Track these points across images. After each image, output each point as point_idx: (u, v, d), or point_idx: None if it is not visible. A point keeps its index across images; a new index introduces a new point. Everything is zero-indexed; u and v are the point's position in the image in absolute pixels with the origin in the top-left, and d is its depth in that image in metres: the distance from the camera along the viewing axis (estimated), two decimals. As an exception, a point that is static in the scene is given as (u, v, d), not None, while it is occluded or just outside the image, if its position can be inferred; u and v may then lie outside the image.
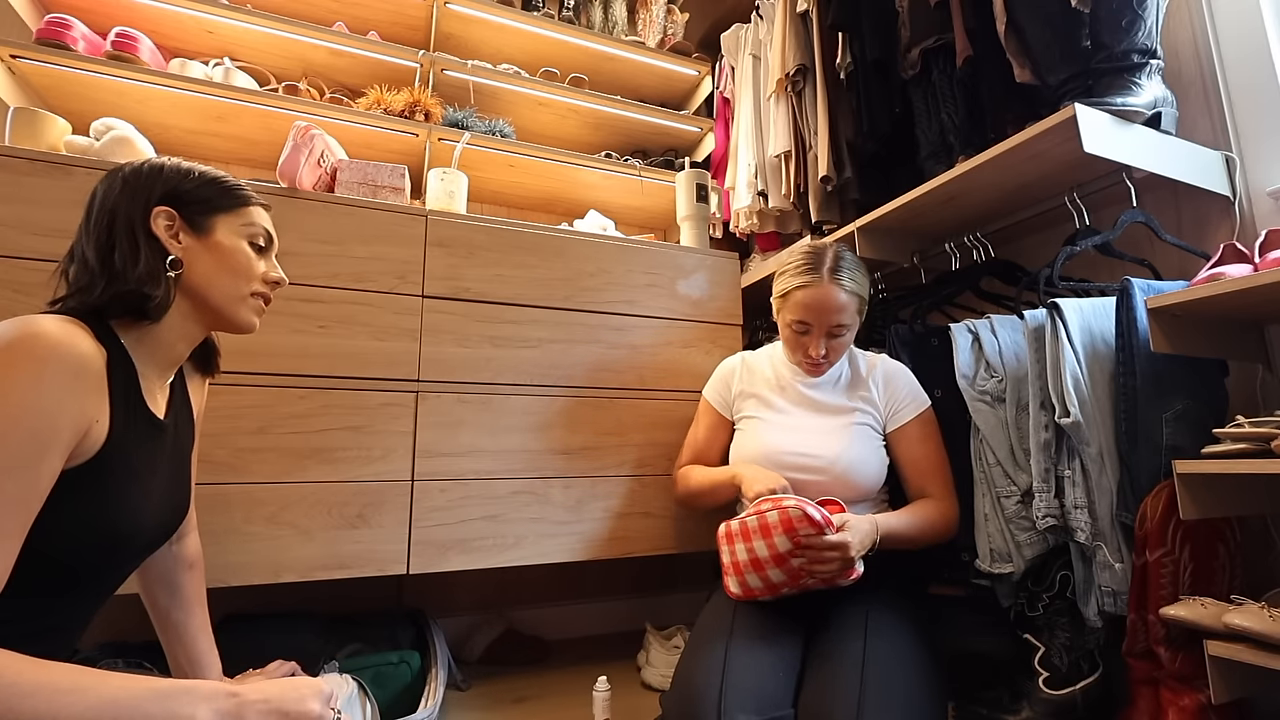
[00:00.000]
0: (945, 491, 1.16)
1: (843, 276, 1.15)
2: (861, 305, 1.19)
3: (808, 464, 1.15)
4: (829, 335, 1.17)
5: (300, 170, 1.37)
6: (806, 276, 1.16)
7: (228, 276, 0.82)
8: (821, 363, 1.19)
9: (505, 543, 1.35)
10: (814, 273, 1.16)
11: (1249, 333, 1.04)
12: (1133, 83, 1.08)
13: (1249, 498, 0.91)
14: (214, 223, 0.82)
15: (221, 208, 0.83)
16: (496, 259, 1.45)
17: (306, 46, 1.81)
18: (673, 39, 2.31)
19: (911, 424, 1.20)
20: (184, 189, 0.80)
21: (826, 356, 1.18)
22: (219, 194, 0.83)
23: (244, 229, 0.85)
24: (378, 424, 1.29)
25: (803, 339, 1.19)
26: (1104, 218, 1.18)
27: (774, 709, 0.90)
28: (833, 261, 1.17)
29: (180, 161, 0.83)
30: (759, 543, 1.01)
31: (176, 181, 0.81)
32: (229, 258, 0.83)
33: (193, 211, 0.81)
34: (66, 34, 1.51)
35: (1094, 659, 1.03)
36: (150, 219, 0.78)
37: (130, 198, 0.78)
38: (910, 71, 1.38)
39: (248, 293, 0.85)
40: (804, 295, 1.16)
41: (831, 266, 1.16)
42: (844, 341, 1.19)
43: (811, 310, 1.16)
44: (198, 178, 0.82)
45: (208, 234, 0.81)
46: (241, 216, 0.85)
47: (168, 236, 0.78)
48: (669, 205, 2.11)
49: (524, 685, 1.42)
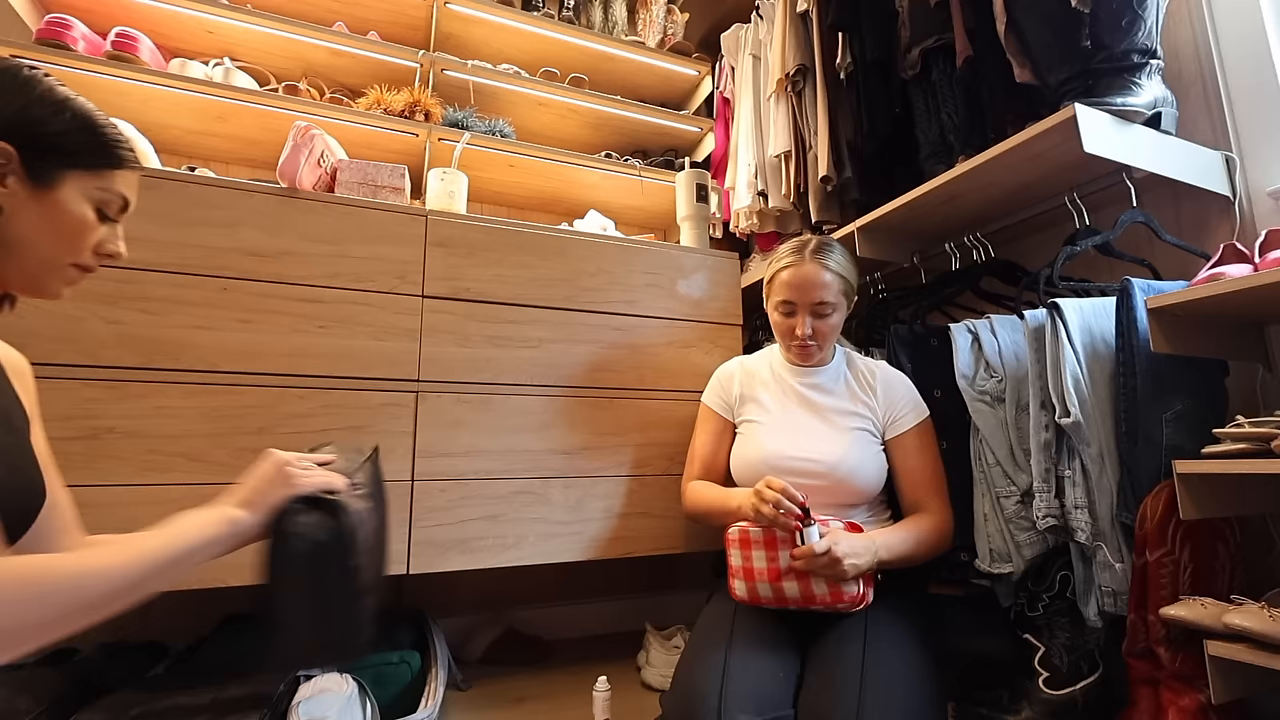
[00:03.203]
0: (941, 503, 1.16)
1: (825, 257, 1.18)
2: (847, 288, 1.20)
3: (809, 468, 1.14)
4: (814, 315, 1.18)
5: (300, 170, 1.37)
6: (791, 258, 1.20)
7: (51, 241, 0.66)
8: (809, 345, 1.19)
9: (505, 543, 1.35)
10: (798, 254, 1.20)
11: (1249, 333, 1.04)
12: (1133, 83, 1.08)
13: (1249, 498, 0.91)
14: (63, 177, 0.65)
15: (80, 164, 0.66)
16: (496, 259, 1.45)
17: (306, 46, 1.81)
18: (673, 39, 2.31)
19: (910, 433, 1.19)
20: (44, 130, 0.63)
21: (814, 338, 1.19)
22: (86, 147, 0.67)
23: (98, 193, 0.68)
24: (378, 424, 1.29)
25: (789, 320, 1.21)
26: (1104, 218, 1.18)
27: (774, 709, 0.90)
28: (817, 244, 1.20)
29: (54, 84, 0.66)
30: (783, 552, 1.02)
31: (39, 115, 0.63)
32: (63, 221, 0.66)
33: (41, 158, 0.63)
34: (66, 34, 1.51)
35: (1094, 659, 1.03)
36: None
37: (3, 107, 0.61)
38: (910, 71, 1.38)
39: (68, 263, 0.68)
40: (788, 274, 1.19)
41: (815, 248, 1.20)
42: (830, 323, 1.19)
43: (794, 288, 1.18)
44: (69, 120, 0.65)
45: (48, 188, 0.64)
46: (101, 179, 0.68)
47: None
48: (669, 205, 2.11)
49: (524, 685, 1.41)
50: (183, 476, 1.14)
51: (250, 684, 1.03)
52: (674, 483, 1.51)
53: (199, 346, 1.19)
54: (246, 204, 1.27)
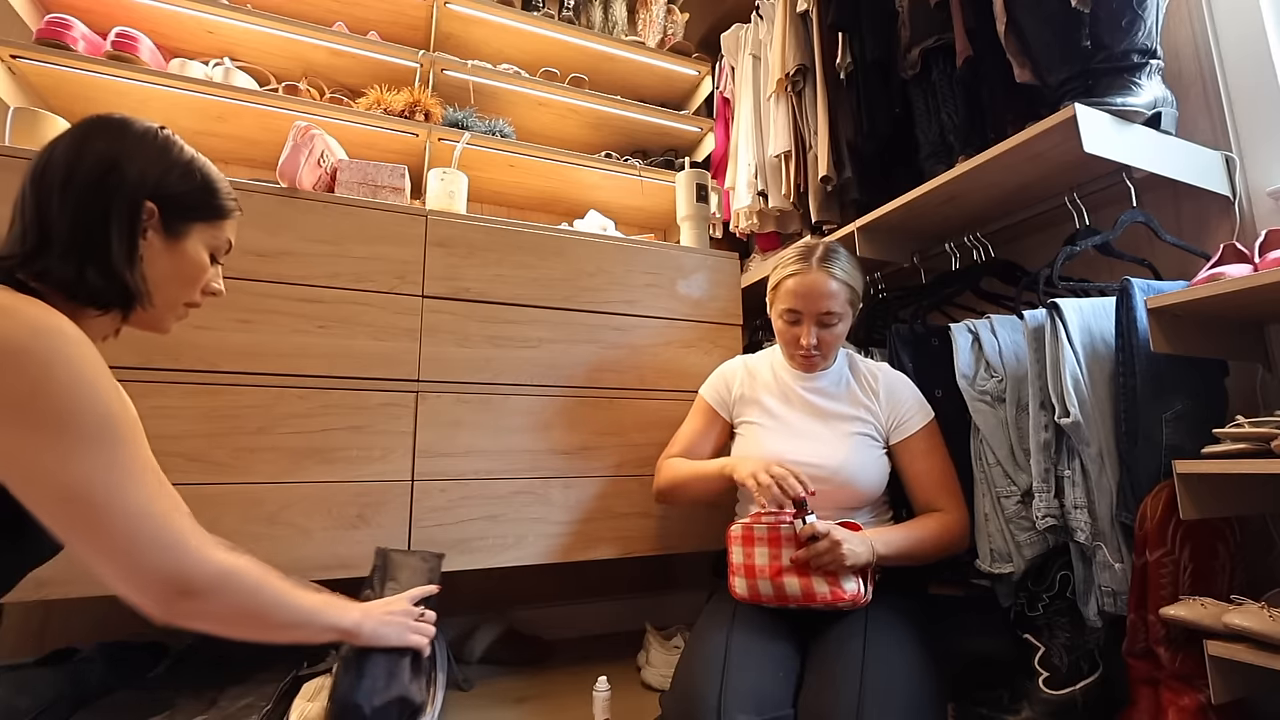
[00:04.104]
0: (954, 503, 1.15)
1: (832, 265, 1.16)
2: (853, 297, 1.18)
3: (811, 473, 1.12)
4: (819, 324, 1.16)
5: (300, 170, 1.37)
6: (797, 265, 1.17)
7: (177, 284, 0.77)
8: (814, 354, 1.18)
9: (505, 543, 1.35)
10: (804, 261, 1.17)
11: (1249, 333, 1.04)
12: (1133, 83, 1.08)
13: (1249, 498, 0.91)
14: (190, 230, 0.77)
15: (202, 217, 0.78)
16: (496, 259, 1.45)
17: (306, 46, 1.80)
18: (673, 39, 2.31)
19: (916, 436, 1.18)
20: (179, 190, 0.76)
21: (818, 348, 1.17)
22: (208, 203, 0.79)
23: (212, 240, 0.80)
24: (378, 424, 1.29)
25: (794, 329, 1.19)
26: (1104, 218, 1.18)
27: (774, 709, 0.90)
28: (823, 252, 1.18)
29: (183, 149, 0.78)
30: (786, 550, 1.02)
31: (175, 178, 0.75)
32: (187, 266, 0.78)
33: (176, 214, 0.75)
34: (66, 34, 1.51)
35: (1094, 659, 1.03)
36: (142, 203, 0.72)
37: (141, 168, 0.72)
38: (910, 71, 1.38)
39: (184, 301, 0.80)
40: (794, 283, 1.16)
41: (821, 256, 1.17)
42: (835, 333, 1.18)
43: (800, 297, 1.16)
44: (198, 181, 0.78)
45: (178, 239, 0.76)
46: (216, 228, 0.80)
47: (141, 227, 0.73)
48: (669, 205, 2.11)
49: (524, 685, 1.41)
50: (182, 476, 1.14)
51: (250, 684, 1.03)
52: (674, 483, 1.51)
53: (198, 346, 1.19)
54: (246, 204, 1.26)
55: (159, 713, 0.94)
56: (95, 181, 0.69)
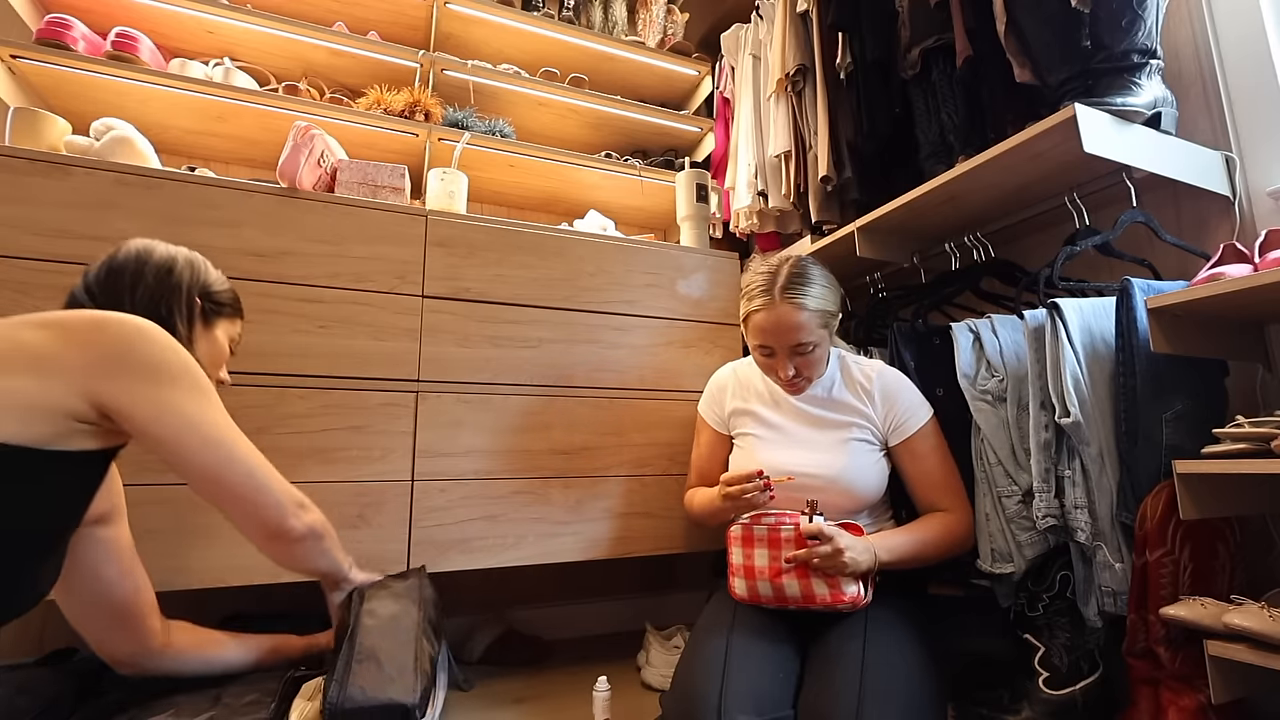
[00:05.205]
0: (957, 502, 1.14)
1: (798, 294, 1.10)
2: (826, 319, 1.13)
3: (809, 482, 1.13)
4: (793, 355, 1.13)
5: (300, 170, 1.37)
6: (761, 299, 1.12)
7: (207, 365, 0.98)
8: (796, 381, 1.17)
9: (505, 543, 1.35)
10: (767, 294, 1.11)
11: (1249, 333, 1.04)
12: (1133, 83, 1.08)
13: (1249, 498, 0.91)
14: (219, 322, 1.02)
15: (227, 315, 1.04)
16: (496, 259, 1.45)
17: (306, 46, 1.81)
18: (673, 39, 2.31)
19: (916, 437, 1.16)
20: (215, 292, 1.01)
21: (798, 375, 1.15)
22: (231, 304, 1.05)
23: (230, 332, 1.05)
24: (378, 424, 1.29)
25: (770, 360, 1.16)
26: (1104, 218, 1.18)
27: (774, 709, 0.90)
28: (786, 279, 1.11)
29: (209, 267, 1.03)
30: (786, 552, 1.03)
31: (210, 283, 1.01)
32: (215, 351, 1.02)
33: (212, 309, 1.01)
34: (66, 34, 1.51)
35: (1094, 659, 1.03)
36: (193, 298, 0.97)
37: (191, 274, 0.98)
38: (910, 71, 1.38)
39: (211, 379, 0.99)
40: (760, 319, 1.12)
41: (785, 284, 1.11)
42: (813, 358, 1.14)
43: (769, 334, 1.12)
44: (231, 288, 1.06)
45: (211, 328, 1.01)
46: (234, 325, 1.06)
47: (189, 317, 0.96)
48: (669, 205, 2.11)
49: (524, 685, 1.41)
50: (182, 476, 1.14)
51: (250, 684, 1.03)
52: (674, 483, 1.51)
53: (199, 346, 1.19)
54: (246, 204, 1.27)
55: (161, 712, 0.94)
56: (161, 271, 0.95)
